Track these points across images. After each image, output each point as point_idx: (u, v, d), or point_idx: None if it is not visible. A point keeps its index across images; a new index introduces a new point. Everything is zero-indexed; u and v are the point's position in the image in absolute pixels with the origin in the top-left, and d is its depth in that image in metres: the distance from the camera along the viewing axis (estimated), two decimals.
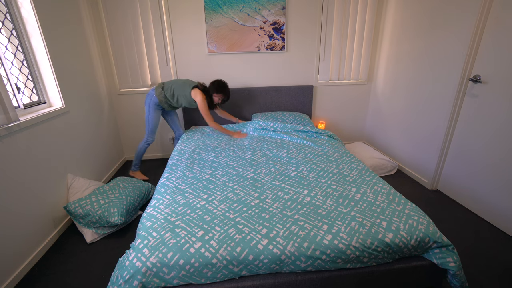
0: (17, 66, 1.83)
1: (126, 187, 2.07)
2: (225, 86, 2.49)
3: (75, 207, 1.82)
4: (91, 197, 1.89)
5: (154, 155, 3.28)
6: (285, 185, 1.64)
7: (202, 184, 1.68)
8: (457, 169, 2.19)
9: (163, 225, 1.29)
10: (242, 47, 2.88)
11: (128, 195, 1.99)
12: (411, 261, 1.27)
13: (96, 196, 1.90)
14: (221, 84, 2.47)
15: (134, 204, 2.00)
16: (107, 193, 1.96)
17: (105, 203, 1.86)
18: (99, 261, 1.69)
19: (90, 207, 1.82)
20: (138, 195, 2.08)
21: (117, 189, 2.03)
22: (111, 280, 1.16)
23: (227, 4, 2.71)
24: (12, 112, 1.53)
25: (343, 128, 3.43)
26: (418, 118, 2.52)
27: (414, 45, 2.50)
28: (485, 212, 1.98)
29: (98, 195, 1.91)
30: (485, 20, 1.86)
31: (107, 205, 1.85)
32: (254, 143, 2.38)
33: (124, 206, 1.88)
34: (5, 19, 1.74)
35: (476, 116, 1.98)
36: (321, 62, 3.03)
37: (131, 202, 1.97)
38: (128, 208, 1.91)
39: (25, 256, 1.62)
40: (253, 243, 1.18)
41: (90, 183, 2.14)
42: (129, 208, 1.92)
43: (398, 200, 1.47)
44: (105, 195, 1.93)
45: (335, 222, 1.30)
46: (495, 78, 1.83)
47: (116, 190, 2.01)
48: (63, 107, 2.07)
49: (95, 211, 1.81)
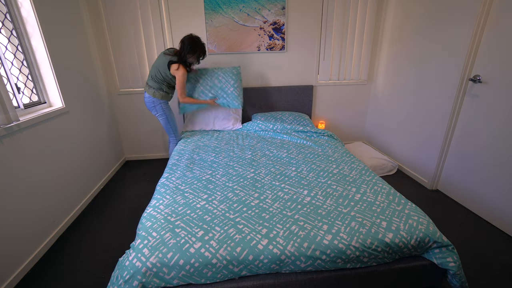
0: (17, 66, 1.83)
1: None
2: (197, 43, 2.21)
3: None
4: None
5: (154, 155, 3.28)
6: (285, 185, 1.64)
7: (202, 184, 1.68)
8: (457, 169, 2.19)
9: (163, 225, 1.29)
10: (242, 47, 2.88)
11: None
12: (411, 261, 1.27)
13: None
14: (192, 42, 2.19)
15: None
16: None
17: None
18: (99, 261, 1.69)
19: None
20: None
21: None
22: (111, 280, 1.16)
23: (227, 4, 2.71)
24: (12, 112, 1.53)
25: (343, 128, 3.43)
26: (418, 118, 2.52)
27: (414, 45, 2.50)
28: (485, 212, 1.98)
29: None
30: (485, 20, 1.86)
31: None
32: (254, 143, 2.38)
33: None
34: (5, 19, 1.74)
35: (476, 116, 1.98)
36: (321, 62, 3.03)
37: None
38: None
39: (25, 256, 1.62)
40: (253, 243, 1.18)
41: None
42: None
43: (398, 200, 1.47)
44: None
45: (335, 222, 1.30)
46: (495, 78, 1.83)
47: None
48: (63, 107, 2.07)
49: None
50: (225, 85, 2.57)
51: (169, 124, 2.47)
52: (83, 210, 2.25)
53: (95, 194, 2.48)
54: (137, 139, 3.17)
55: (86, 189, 2.35)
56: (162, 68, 2.26)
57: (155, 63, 2.32)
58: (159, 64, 2.28)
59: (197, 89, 2.57)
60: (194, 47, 2.21)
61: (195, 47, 2.21)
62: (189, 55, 2.23)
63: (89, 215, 2.18)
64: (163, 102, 2.38)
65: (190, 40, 2.20)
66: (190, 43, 2.19)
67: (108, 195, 2.48)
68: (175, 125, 2.51)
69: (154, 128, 3.14)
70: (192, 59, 2.28)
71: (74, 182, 2.17)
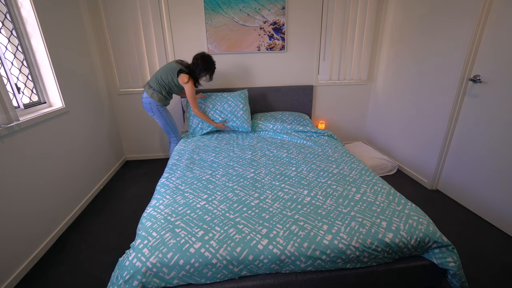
0: (17, 66, 1.83)
1: None
2: (211, 62, 2.30)
3: None
4: None
5: (154, 155, 3.28)
6: (285, 185, 1.64)
7: (202, 184, 1.68)
8: (457, 169, 2.19)
9: (163, 225, 1.29)
10: (242, 47, 2.88)
11: None
12: (411, 261, 1.27)
13: None
14: (206, 61, 2.27)
15: None
16: None
17: None
18: (99, 261, 1.69)
19: None
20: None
21: None
22: (111, 280, 1.16)
23: (227, 4, 2.71)
24: (12, 112, 1.53)
25: (343, 128, 3.43)
26: (418, 118, 2.52)
27: (414, 45, 2.50)
28: (485, 212, 1.98)
29: None
30: (485, 20, 1.86)
31: None
32: (254, 143, 2.38)
33: None
34: (5, 19, 1.74)
35: (476, 116, 1.98)
36: (321, 62, 3.03)
37: None
38: None
39: (25, 256, 1.62)
40: (253, 243, 1.18)
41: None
42: None
43: (398, 200, 1.47)
44: None
45: (335, 222, 1.30)
46: (495, 78, 1.83)
47: None
48: (63, 107, 2.07)
49: None
50: (235, 109, 2.59)
51: (168, 125, 2.47)
52: (83, 210, 2.25)
53: (95, 194, 2.48)
54: (137, 139, 3.17)
55: (86, 189, 2.35)
56: (170, 72, 2.27)
57: (165, 66, 2.34)
58: (168, 68, 2.30)
59: (208, 114, 2.59)
60: (209, 65, 2.28)
61: (209, 65, 2.29)
62: (203, 73, 2.30)
63: (89, 215, 2.18)
64: (160, 104, 2.36)
65: (204, 60, 2.26)
66: (205, 63, 2.26)
67: (108, 195, 2.48)
68: (174, 125, 2.51)
69: (154, 128, 3.14)
70: (203, 75, 2.34)
71: (74, 182, 2.17)
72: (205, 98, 2.65)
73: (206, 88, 2.99)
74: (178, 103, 3.07)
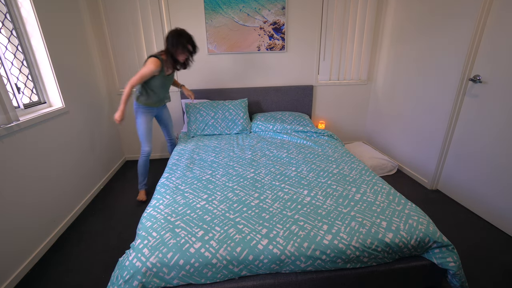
0: (17, 66, 1.83)
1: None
2: (183, 35, 1.94)
3: None
4: None
5: (154, 155, 3.27)
6: (285, 185, 1.64)
7: (202, 184, 1.68)
8: (457, 169, 2.19)
9: (163, 225, 1.29)
10: (242, 47, 2.88)
11: None
12: (411, 261, 1.27)
13: None
14: (175, 35, 1.93)
15: None
16: None
17: None
18: (99, 261, 1.69)
19: None
20: None
21: None
22: (111, 280, 1.16)
23: (227, 4, 2.71)
24: (12, 112, 1.53)
25: (343, 128, 3.43)
26: (418, 118, 2.52)
27: (414, 45, 2.50)
28: (485, 212, 1.98)
29: None
30: (485, 20, 1.86)
31: None
32: (254, 143, 2.38)
33: None
34: (5, 19, 1.74)
35: (476, 116, 1.98)
36: (321, 62, 3.03)
37: None
38: None
39: (25, 256, 1.62)
40: (253, 243, 1.18)
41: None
42: None
43: (398, 200, 1.47)
44: None
45: (335, 222, 1.30)
46: (495, 78, 1.83)
47: None
48: (63, 107, 2.07)
49: None
50: (236, 117, 2.69)
51: (138, 130, 2.20)
52: (83, 210, 2.25)
53: (95, 194, 2.48)
54: (137, 139, 3.16)
55: (86, 189, 2.35)
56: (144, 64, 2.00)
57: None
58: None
59: (208, 122, 2.65)
60: (178, 42, 1.93)
61: (179, 41, 1.93)
62: (176, 49, 1.96)
63: (89, 215, 2.18)
64: (138, 105, 2.14)
65: (174, 33, 1.94)
66: (174, 36, 1.93)
67: (108, 195, 2.48)
68: (143, 133, 2.19)
69: (154, 128, 3.14)
70: (182, 55, 2.01)
71: (74, 182, 2.17)
72: (193, 103, 2.71)
73: (206, 88, 2.99)
74: (178, 103, 3.07)
